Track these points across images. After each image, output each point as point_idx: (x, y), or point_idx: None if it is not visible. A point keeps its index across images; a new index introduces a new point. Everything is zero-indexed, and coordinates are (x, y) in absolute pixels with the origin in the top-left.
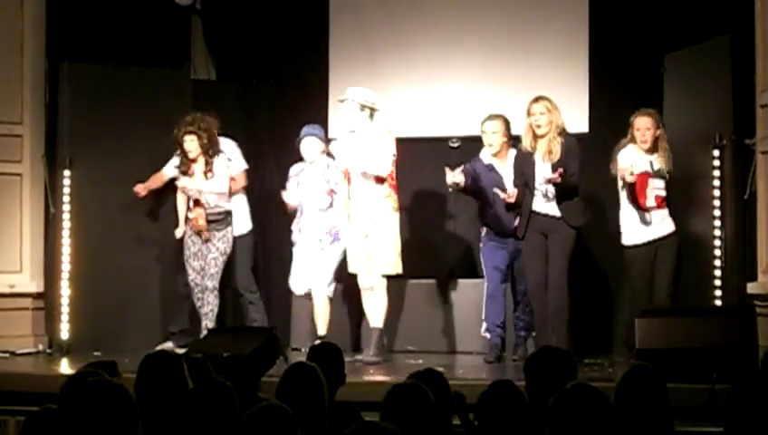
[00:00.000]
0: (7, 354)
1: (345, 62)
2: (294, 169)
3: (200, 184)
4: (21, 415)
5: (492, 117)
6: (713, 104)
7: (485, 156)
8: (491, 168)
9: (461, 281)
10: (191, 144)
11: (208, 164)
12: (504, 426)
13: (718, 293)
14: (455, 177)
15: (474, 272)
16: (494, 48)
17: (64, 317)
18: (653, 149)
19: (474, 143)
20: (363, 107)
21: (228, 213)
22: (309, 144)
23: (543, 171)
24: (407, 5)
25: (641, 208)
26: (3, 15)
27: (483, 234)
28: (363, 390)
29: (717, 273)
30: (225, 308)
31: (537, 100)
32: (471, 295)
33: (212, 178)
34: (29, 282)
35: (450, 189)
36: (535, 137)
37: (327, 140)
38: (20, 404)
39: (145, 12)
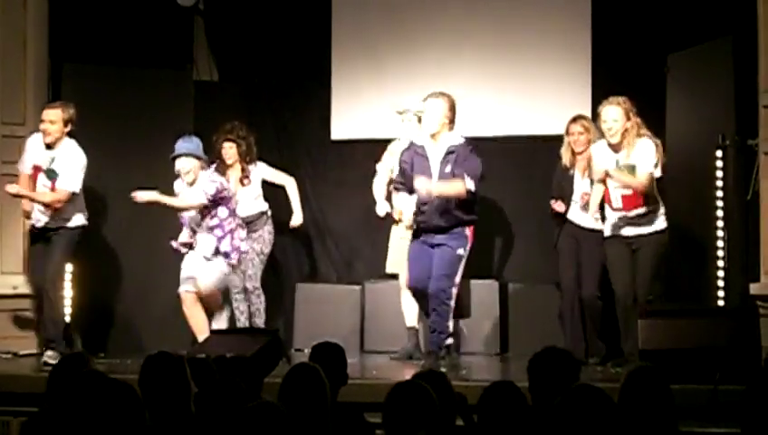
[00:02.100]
0: (10, 355)
1: (347, 63)
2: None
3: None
4: (24, 416)
5: (435, 95)
6: (715, 105)
7: (419, 137)
8: (421, 151)
9: (472, 281)
10: (229, 151)
11: (244, 171)
12: (505, 426)
13: (721, 293)
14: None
15: (484, 272)
16: (496, 49)
17: (68, 319)
18: (623, 144)
19: (478, 144)
20: (420, 119)
21: (263, 213)
22: (184, 164)
23: (582, 187)
24: (409, 6)
25: (612, 210)
26: (6, 16)
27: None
28: (367, 391)
29: (720, 274)
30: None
31: (575, 120)
32: (481, 296)
33: (248, 186)
34: None
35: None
36: (573, 154)
37: (202, 157)
38: (22, 405)
39: (147, 13)
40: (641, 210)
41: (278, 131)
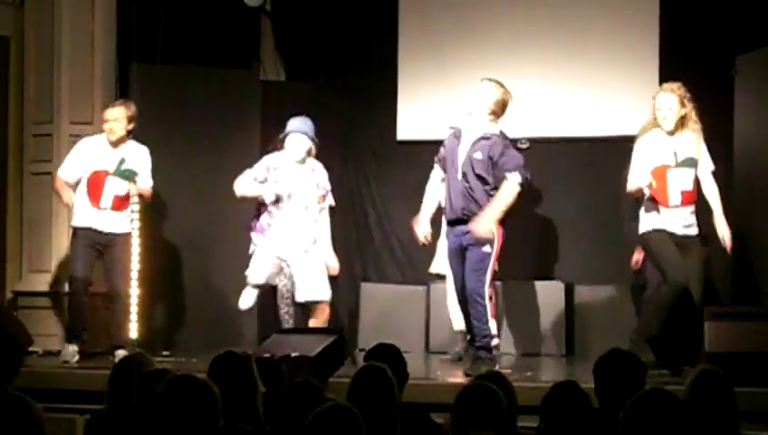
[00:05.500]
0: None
1: (413, 61)
2: (272, 161)
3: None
4: (89, 414)
5: (491, 80)
6: None
7: (461, 122)
8: (459, 134)
9: (537, 283)
10: None
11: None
12: (569, 428)
13: None
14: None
15: (549, 273)
16: (562, 49)
17: (133, 317)
18: (677, 131)
19: (544, 145)
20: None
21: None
22: (297, 141)
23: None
24: (475, 7)
25: (666, 207)
26: (74, 17)
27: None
28: (431, 391)
29: None
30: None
31: None
32: (546, 297)
33: None
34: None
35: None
36: None
37: (314, 140)
38: (88, 403)
39: (214, 13)
40: (693, 207)
41: (344, 131)
